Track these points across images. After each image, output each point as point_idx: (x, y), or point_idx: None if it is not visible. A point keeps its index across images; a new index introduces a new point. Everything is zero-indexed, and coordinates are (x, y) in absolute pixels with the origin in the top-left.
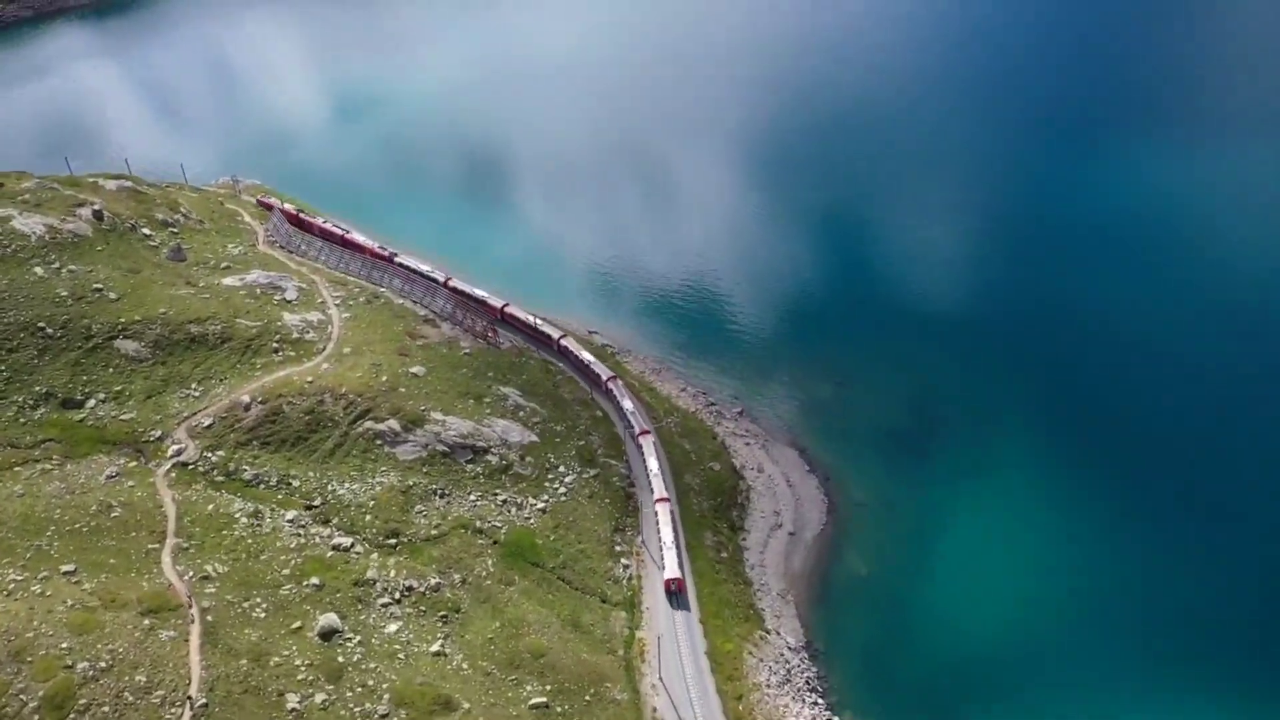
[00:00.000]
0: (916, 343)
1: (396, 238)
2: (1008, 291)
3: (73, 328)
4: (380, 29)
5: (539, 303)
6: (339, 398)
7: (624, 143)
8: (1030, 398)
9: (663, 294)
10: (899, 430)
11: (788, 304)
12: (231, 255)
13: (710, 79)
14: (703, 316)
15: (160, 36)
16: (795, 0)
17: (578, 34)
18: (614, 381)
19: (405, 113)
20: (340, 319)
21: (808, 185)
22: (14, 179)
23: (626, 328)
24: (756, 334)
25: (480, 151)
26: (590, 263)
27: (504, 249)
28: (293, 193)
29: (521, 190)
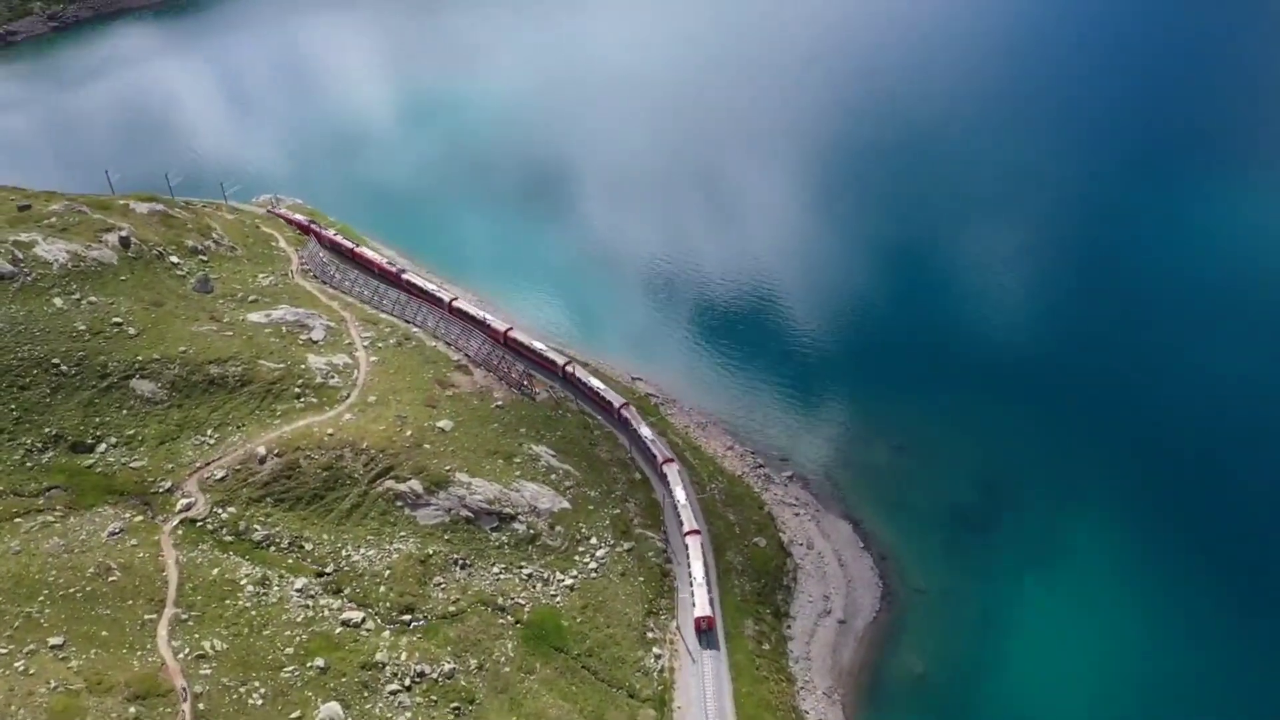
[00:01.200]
0: (984, 402)
1: (430, 261)
2: (1089, 347)
3: (88, 365)
4: (443, 36)
5: (584, 342)
6: (359, 453)
7: (682, 163)
8: (1114, 473)
9: (714, 336)
10: (963, 505)
11: (845, 352)
12: (261, 287)
13: (776, 98)
14: (755, 364)
15: (216, 40)
16: (869, 18)
17: (643, 45)
18: (627, 409)
19: (459, 127)
20: (367, 363)
21: (872, 218)
22: (43, 200)
23: (673, 374)
24: (811, 385)
25: (532, 170)
26: (641, 299)
27: (550, 280)
28: (336, 213)
29: (573, 214)
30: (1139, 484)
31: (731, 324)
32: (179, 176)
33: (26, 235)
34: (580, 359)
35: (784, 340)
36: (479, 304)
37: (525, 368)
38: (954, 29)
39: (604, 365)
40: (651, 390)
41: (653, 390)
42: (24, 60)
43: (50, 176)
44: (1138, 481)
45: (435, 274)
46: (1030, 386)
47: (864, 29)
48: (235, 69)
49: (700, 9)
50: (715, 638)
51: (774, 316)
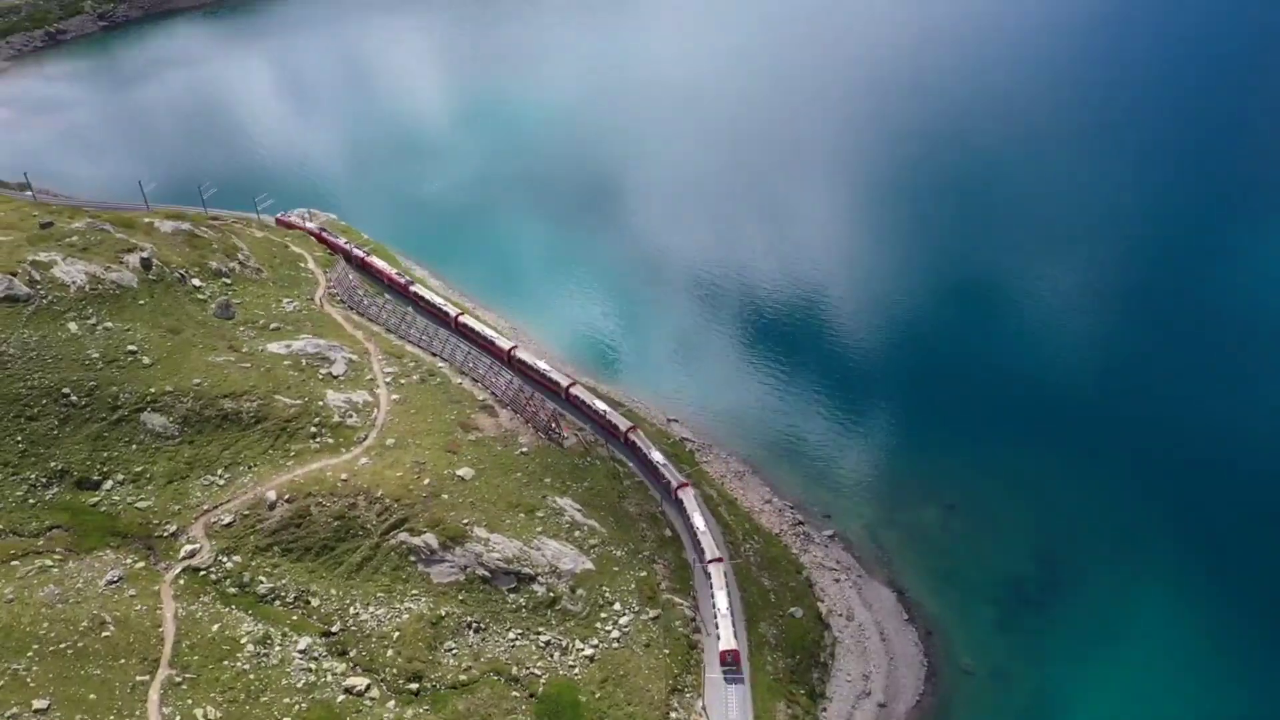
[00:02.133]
0: (1046, 459)
1: (463, 281)
2: (1162, 403)
3: (99, 396)
4: (493, 44)
5: (618, 378)
6: (373, 501)
7: (731, 184)
8: (1187, 546)
9: (755, 376)
10: (1018, 575)
11: (896, 395)
12: (284, 313)
13: (832, 117)
14: (798, 408)
15: (263, 43)
16: (931, 35)
17: (695, 58)
18: (634, 433)
19: (504, 138)
20: (388, 401)
21: (929, 250)
22: (66, 217)
23: (711, 416)
24: (857, 432)
25: (576, 187)
26: (680, 332)
27: (587, 310)
28: (372, 229)
29: (615, 236)
30: (1215, 559)
31: (775, 363)
32: (213, 188)
33: (46, 255)
34: (615, 399)
35: (830, 383)
36: (516, 336)
37: (555, 408)
38: (1025, 51)
39: (639, 405)
40: (687, 434)
41: (689, 434)
42: (72, 59)
43: (89, 180)
44: (1214, 556)
45: (468, 295)
46: (1096, 443)
47: (931, 49)
48: (280, 73)
49: (758, 25)
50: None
51: (820, 356)
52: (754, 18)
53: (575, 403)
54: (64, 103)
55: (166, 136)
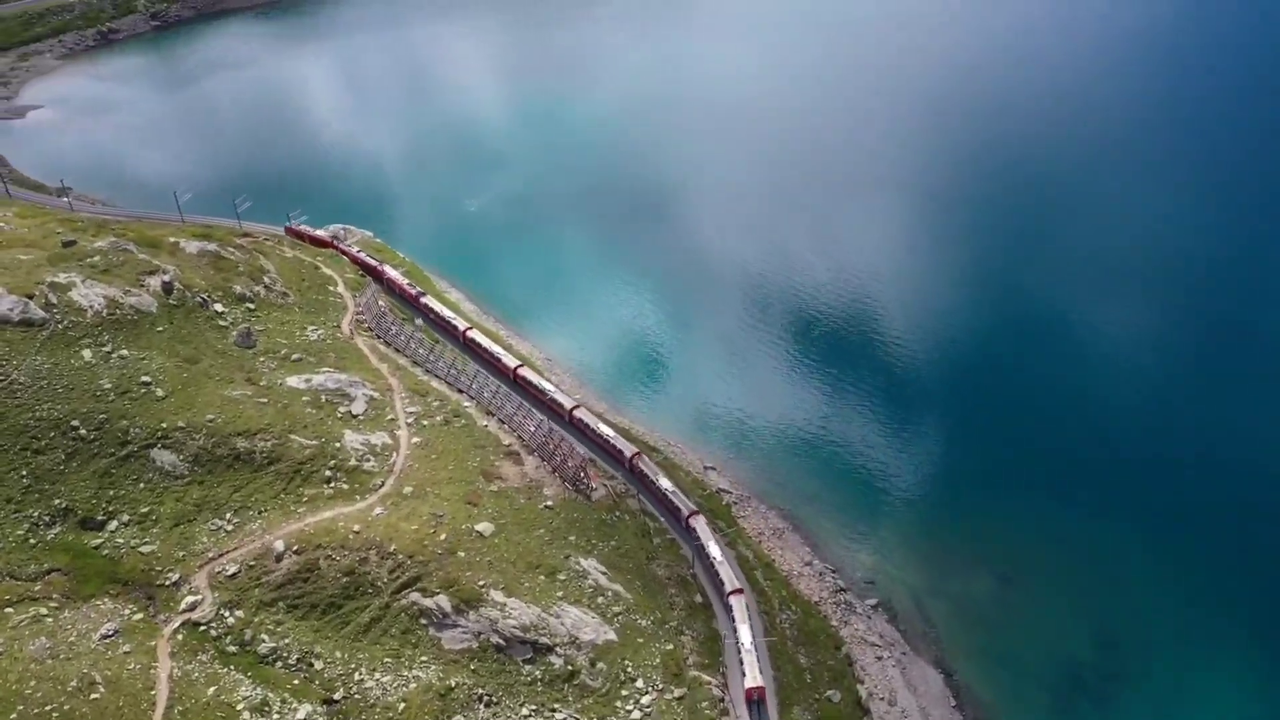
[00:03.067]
0: (1110, 527)
1: (496, 304)
2: (1250, 470)
3: (109, 430)
4: (548, 49)
5: (657, 418)
6: (386, 557)
7: (782, 207)
8: (1273, 638)
9: (800, 422)
10: (1077, 660)
11: (949, 450)
12: (307, 342)
13: (892, 136)
14: (844, 460)
15: (311, 46)
16: (997, 48)
17: (751, 71)
18: (640, 459)
19: (551, 152)
20: (408, 444)
21: (993, 287)
22: (90, 234)
23: (751, 465)
24: (906, 489)
25: (620, 205)
26: (722, 374)
27: (623, 342)
28: (409, 247)
29: (657, 261)
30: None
31: (820, 408)
32: (248, 200)
33: (65, 276)
34: (648, 442)
35: (878, 432)
36: (550, 367)
37: (585, 456)
38: (1105, 65)
39: (676, 450)
40: (725, 485)
41: (727, 485)
42: (123, 59)
43: (129, 185)
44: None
45: (504, 322)
46: (1171, 511)
47: (997, 63)
48: (325, 79)
49: (816, 36)
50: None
51: (868, 403)
52: (813, 29)
53: (579, 426)
54: (111, 104)
55: (209, 141)
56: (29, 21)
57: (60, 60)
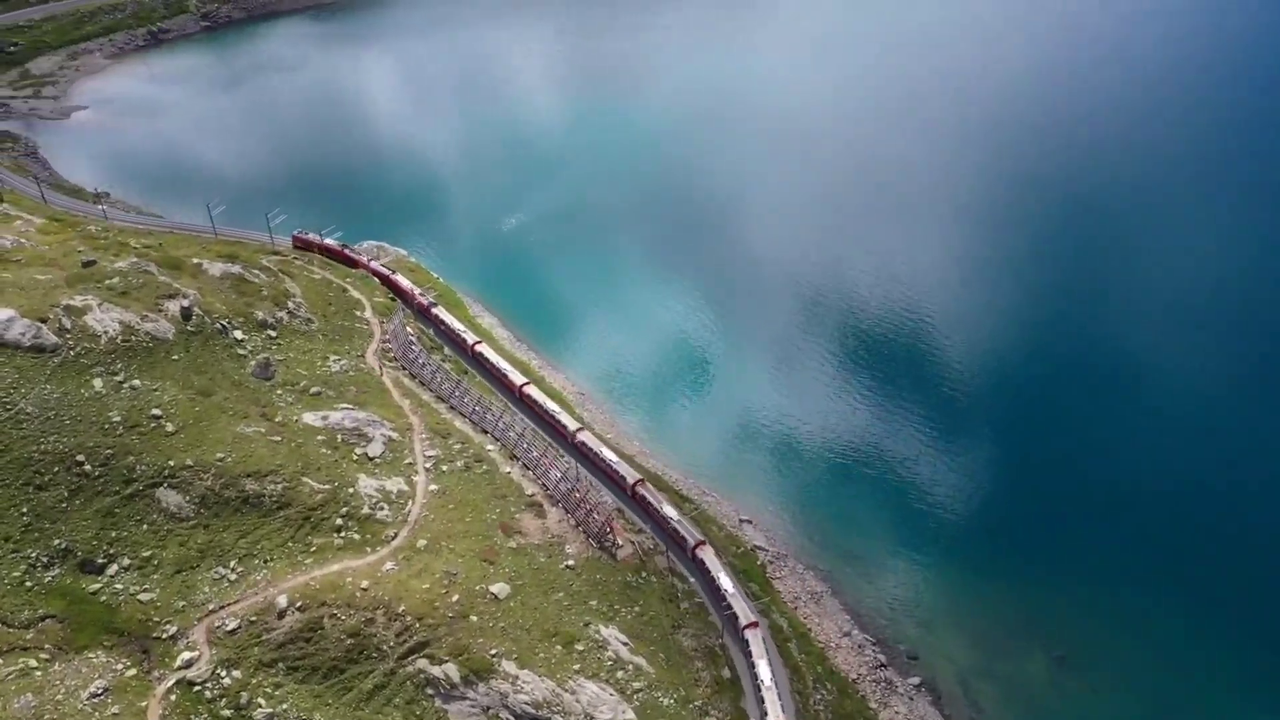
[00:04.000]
0: (1176, 607)
1: (530, 330)
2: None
3: (115, 466)
4: (602, 56)
5: (695, 464)
6: (394, 618)
7: (837, 231)
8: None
9: (845, 473)
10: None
11: (1002, 516)
12: (328, 374)
13: (956, 157)
14: (889, 517)
15: (359, 50)
16: (1074, 66)
17: (810, 84)
18: (643, 485)
19: (603, 163)
20: (426, 492)
21: (1059, 327)
22: (111, 254)
23: (789, 519)
24: (956, 554)
25: (665, 225)
26: (764, 420)
27: (661, 378)
28: (445, 267)
29: (710, 288)
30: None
31: (868, 459)
32: (281, 214)
33: (81, 299)
34: (683, 491)
35: (930, 490)
36: (582, 404)
37: (613, 510)
38: (1177, 88)
39: (710, 500)
40: (761, 541)
41: (763, 541)
42: (172, 60)
43: (167, 192)
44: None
45: (534, 345)
46: (1243, 592)
47: (1074, 82)
48: (371, 85)
49: (881, 49)
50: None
51: (920, 457)
52: (873, 41)
53: (583, 450)
54: (155, 107)
55: (250, 148)
56: (81, 20)
57: (109, 60)
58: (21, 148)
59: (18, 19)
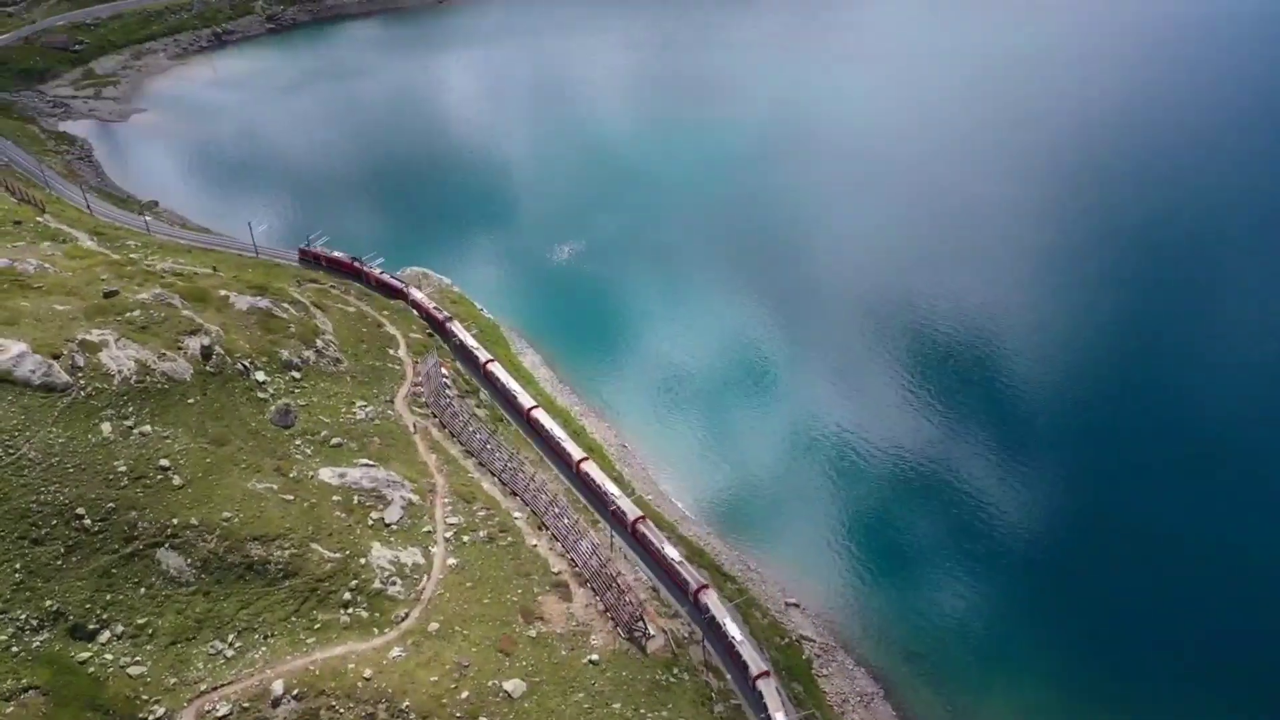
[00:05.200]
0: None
1: (577, 370)
2: None
3: (115, 522)
4: (678, 71)
5: (741, 532)
6: (396, 715)
7: (934, 274)
8: None
9: (910, 553)
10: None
11: (1090, 617)
12: (352, 422)
13: (1062, 201)
14: (956, 612)
15: (424, 58)
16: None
17: (907, 96)
18: (644, 523)
19: (678, 186)
20: (443, 566)
21: (1155, 396)
22: (135, 284)
23: (844, 604)
24: (1030, 663)
25: (740, 259)
26: (830, 484)
27: (716, 434)
28: (492, 299)
29: (776, 333)
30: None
31: (936, 542)
32: (323, 235)
33: (98, 333)
34: (722, 567)
35: (1002, 586)
36: (623, 453)
37: (650, 576)
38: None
39: (754, 577)
40: (809, 630)
41: (810, 630)
42: (235, 61)
43: (217, 203)
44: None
45: (577, 389)
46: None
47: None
48: (430, 95)
49: (973, 75)
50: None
51: (991, 545)
52: (971, 61)
53: (584, 479)
54: (214, 111)
55: (303, 158)
56: (148, 19)
57: (172, 60)
58: (77, 150)
59: (85, 17)
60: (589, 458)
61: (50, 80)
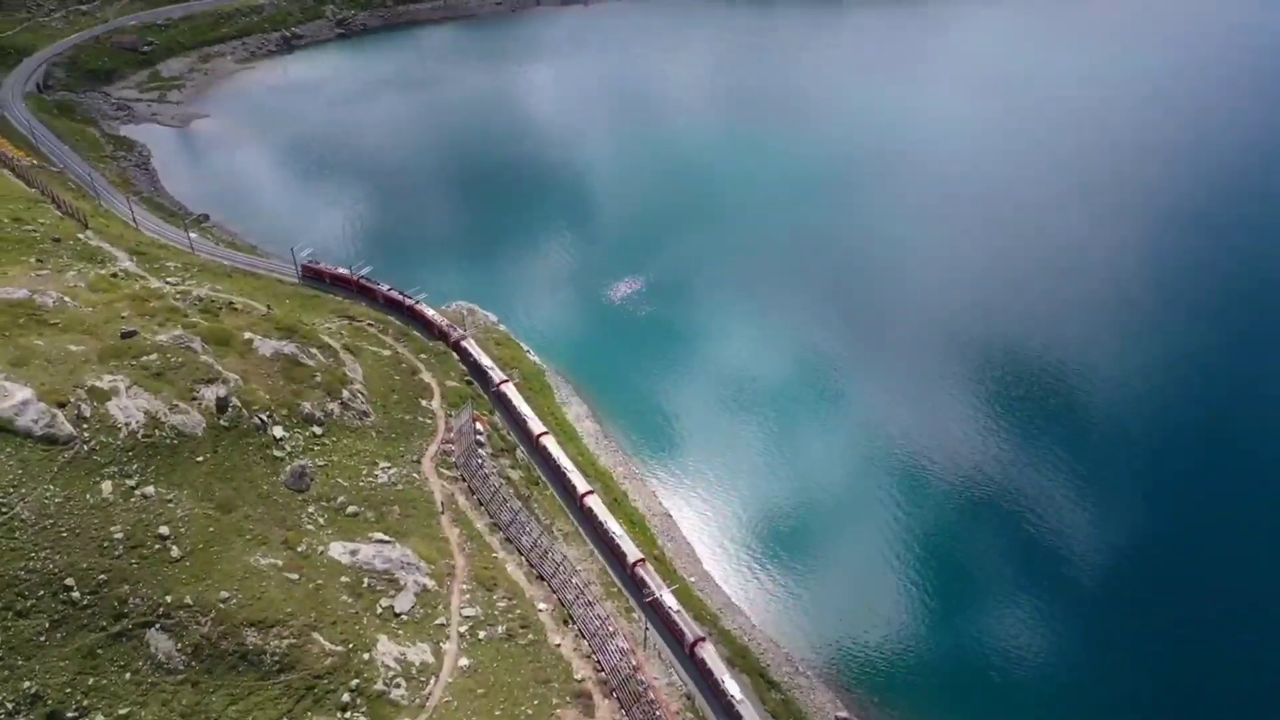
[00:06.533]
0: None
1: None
2: None
3: (106, 596)
4: (760, 89)
5: (791, 633)
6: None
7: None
8: None
9: (981, 679)
10: None
11: None
12: (372, 487)
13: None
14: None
15: (492, 68)
16: None
17: (1008, 120)
18: (643, 566)
19: (749, 215)
20: (454, 667)
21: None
22: (156, 325)
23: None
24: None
25: (813, 310)
26: (898, 578)
27: (772, 507)
28: (542, 340)
29: (851, 407)
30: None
31: (1013, 656)
32: (366, 266)
33: (110, 379)
34: (765, 670)
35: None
36: (668, 531)
37: (685, 689)
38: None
39: (799, 687)
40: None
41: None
42: (302, 66)
43: (268, 218)
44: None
45: (623, 448)
46: None
47: None
48: (499, 110)
49: (1089, 102)
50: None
51: (1095, 654)
52: (1087, 86)
53: (588, 515)
54: (276, 118)
55: (360, 174)
56: (218, 20)
57: (239, 64)
58: (135, 157)
59: (157, 17)
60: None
61: (116, 81)
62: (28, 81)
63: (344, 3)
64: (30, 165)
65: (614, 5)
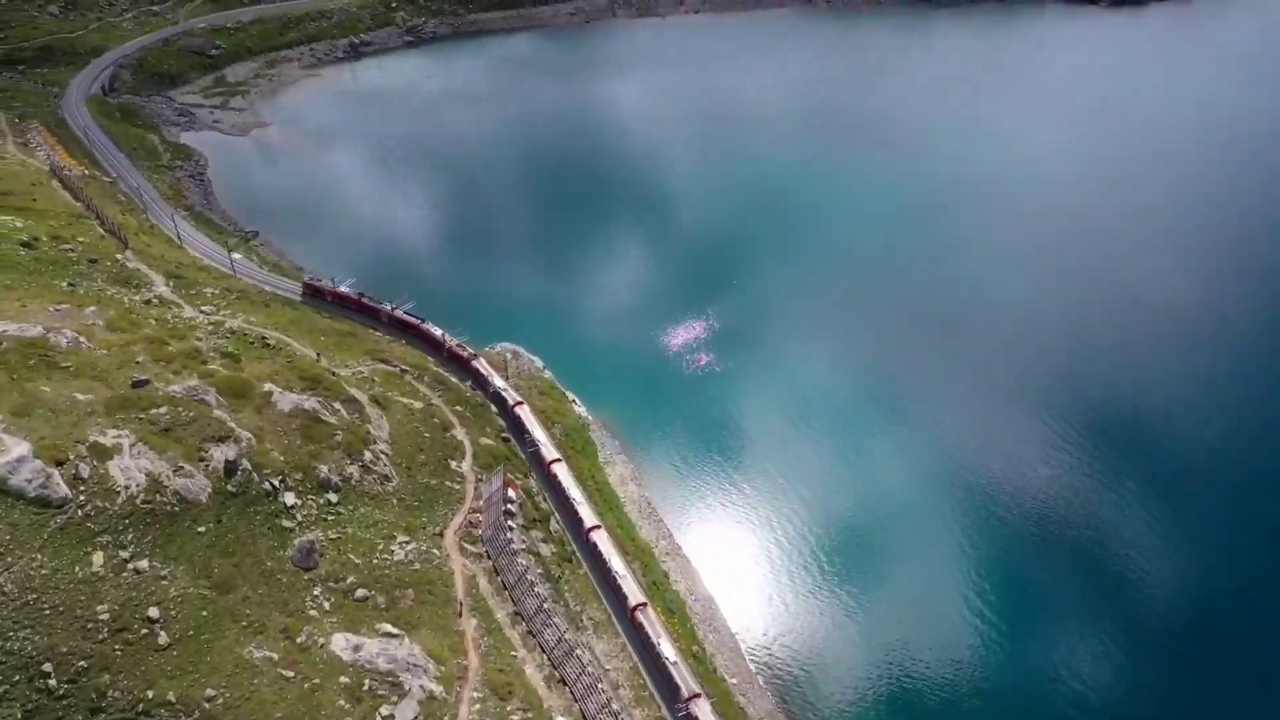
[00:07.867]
0: None
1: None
2: None
3: (84, 686)
4: (859, 103)
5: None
6: None
7: None
8: None
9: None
10: None
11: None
12: (388, 566)
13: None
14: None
15: (561, 82)
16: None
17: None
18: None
19: (826, 251)
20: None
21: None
22: (171, 373)
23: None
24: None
25: (895, 363)
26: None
27: (815, 595)
28: (590, 388)
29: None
30: None
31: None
32: (409, 301)
33: (114, 435)
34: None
35: None
36: (710, 610)
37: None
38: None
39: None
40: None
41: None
42: (368, 74)
43: (320, 237)
44: None
45: (666, 518)
46: None
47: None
48: (565, 129)
49: (1202, 137)
50: None
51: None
52: (1198, 114)
53: (593, 551)
54: (339, 131)
55: (415, 196)
56: (286, 25)
57: (304, 71)
58: (191, 166)
59: (226, 20)
60: (599, 527)
61: (181, 85)
62: (94, 83)
63: (414, 10)
64: (82, 175)
65: (692, 18)
